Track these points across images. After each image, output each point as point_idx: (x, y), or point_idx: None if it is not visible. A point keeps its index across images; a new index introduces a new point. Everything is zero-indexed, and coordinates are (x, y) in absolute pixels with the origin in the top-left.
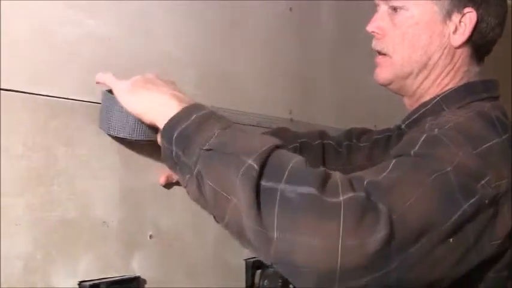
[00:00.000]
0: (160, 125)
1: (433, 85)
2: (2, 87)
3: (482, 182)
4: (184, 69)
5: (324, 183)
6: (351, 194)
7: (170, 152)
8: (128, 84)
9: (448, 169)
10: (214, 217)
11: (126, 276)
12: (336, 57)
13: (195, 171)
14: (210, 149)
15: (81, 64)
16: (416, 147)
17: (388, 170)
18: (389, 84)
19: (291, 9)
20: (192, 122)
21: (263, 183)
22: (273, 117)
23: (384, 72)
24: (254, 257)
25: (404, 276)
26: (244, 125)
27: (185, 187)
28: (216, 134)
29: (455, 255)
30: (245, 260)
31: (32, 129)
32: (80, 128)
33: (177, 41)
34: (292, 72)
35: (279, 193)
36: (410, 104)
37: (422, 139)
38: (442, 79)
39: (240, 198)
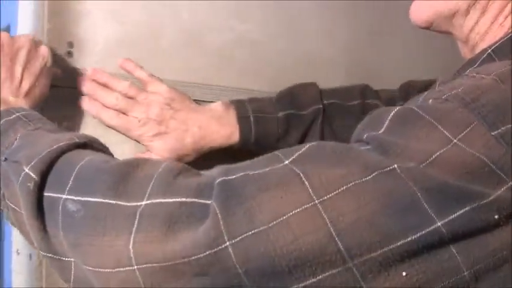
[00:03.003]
0: None
1: (493, 27)
2: None
3: (504, 185)
4: (335, 68)
5: (125, 182)
6: (163, 199)
7: None
8: None
9: (395, 166)
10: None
11: None
12: None
13: (1, 191)
14: (6, 159)
15: (234, 68)
16: (381, 130)
17: (290, 157)
18: (430, 26)
19: None
20: None
21: (46, 194)
22: None
23: (420, 9)
24: None
25: None
26: None
27: (3, 212)
28: (17, 138)
29: None
30: None
31: None
32: None
33: (328, 40)
34: (445, 70)
35: (60, 206)
36: (465, 54)
37: (390, 117)
38: (506, 17)
39: (25, 217)
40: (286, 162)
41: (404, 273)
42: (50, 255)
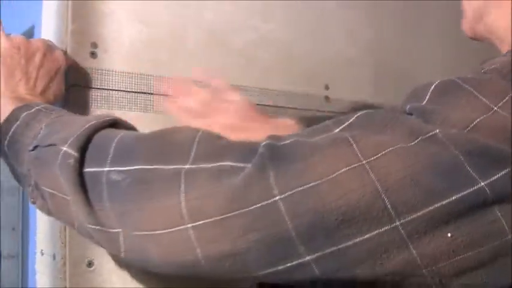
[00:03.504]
0: None
1: (507, 18)
2: None
3: None
4: (360, 68)
5: (163, 148)
6: (209, 163)
7: (12, 168)
8: None
9: (437, 131)
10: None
11: None
12: None
13: (32, 180)
14: (36, 147)
15: (258, 68)
16: (423, 101)
17: (337, 128)
18: (475, 35)
19: None
20: (21, 123)
21: (86, 170)
22: None
23: (463, 22)
24: None
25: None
26: None
27: (34, 203)
28: (43, 127)
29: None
30: None
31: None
32: None
33: (352, 40)
34: (472, 67)
35: (104, 178)
36: None
37: (431, 88)
38: None
39: (69, 195)
40: (336, 131)
41: (449, 235)
42: (98, 227)
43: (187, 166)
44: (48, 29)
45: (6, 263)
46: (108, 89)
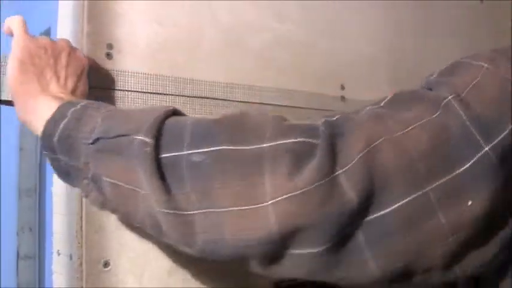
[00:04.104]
0: (39, 134)
1: None
2: (202, 95)
3: None
4: (378, 68)
5: (239, 130)
6: (283, 140)
7: (58, 164)
8: (19, 58)
9: (449, 97)
10: (128, 221)
11: None
12: None
13: (90, 173)
14: (97, 140)
15: (275, 69)
16: (436, 75)
17: (374, 106)
18: None
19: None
20: (70, 119)
21: (163, 155)
22: None
23: None
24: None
25: (380, 258)
26: None
27: (86, 197)
28: (99, 122)
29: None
30: None
31: None
32: None
33: (368, 40)
34: None
35: (183, 162)
36: None
37: (443, 68)
38: None
39: (143, 183)
40: (375, 107)
41: (469, 203)
42: (174, 211)
43: (267, 144)
44: (64, 31)
45: (23, 264)
46: (123, 90)
